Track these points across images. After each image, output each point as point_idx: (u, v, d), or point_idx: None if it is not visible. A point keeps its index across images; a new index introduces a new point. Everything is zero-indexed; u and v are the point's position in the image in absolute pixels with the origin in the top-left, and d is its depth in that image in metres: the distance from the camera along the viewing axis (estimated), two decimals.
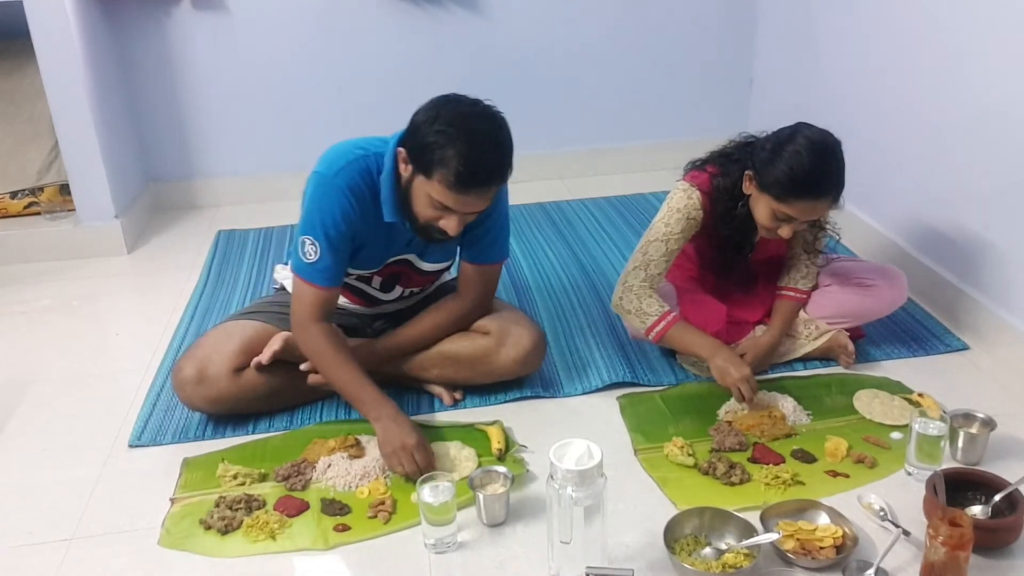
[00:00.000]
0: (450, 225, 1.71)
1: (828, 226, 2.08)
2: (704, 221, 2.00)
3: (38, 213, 3.04)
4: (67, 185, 2.98)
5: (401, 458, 1.72)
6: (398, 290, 2.03)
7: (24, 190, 3.03)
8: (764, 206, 1.88)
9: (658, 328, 1.97)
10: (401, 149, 1.72)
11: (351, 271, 1.94)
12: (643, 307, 1.99)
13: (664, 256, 1.99)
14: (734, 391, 1.90)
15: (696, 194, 1.97)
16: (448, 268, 2.07)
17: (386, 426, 1.76)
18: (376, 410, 1.79)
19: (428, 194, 1.68)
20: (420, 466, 1.71)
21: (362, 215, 1.80)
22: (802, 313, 2.14)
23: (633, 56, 3.48)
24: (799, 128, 1.85)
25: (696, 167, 2.04)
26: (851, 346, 2.11)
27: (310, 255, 1.80)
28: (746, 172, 1.90)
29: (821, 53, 2.98)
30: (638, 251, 2.02)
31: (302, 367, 1.93)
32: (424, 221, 1.75)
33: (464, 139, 1.61)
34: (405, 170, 1.72)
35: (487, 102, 1.70)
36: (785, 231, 1.88)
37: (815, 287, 2.14)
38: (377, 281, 1.99)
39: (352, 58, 3.28)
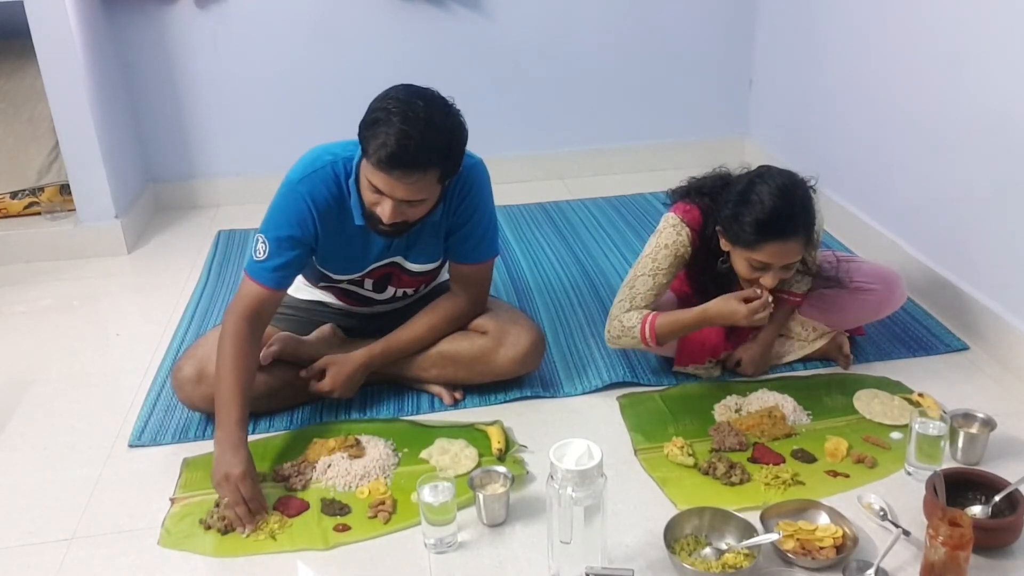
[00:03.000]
0: (384, 211, 1.68)
1: (812, 270, 2.04)
2: (692, 257, 1.99)
3: (38, 213, 3.04)
4: (67, 185, 2.98)
5: (224, 488, 1.63)
6: (391, 290, 2.03)
7: (24, 190, 3.03)
8: (739, 258, 1.86)
9: (646, 332, 1.96)
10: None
11: (338, 277, 1.94)
12: (625, 324, 1.97)
13: (652, 290, 1.98)
14: (754, 314, 1.84)
15: (685, 231, 1.95)
16: (440, 268, 2.06)
17: (221, 451, 1.67)
18: (221, 432, 1.69)
19: (366, 175, 1.67)
20: (244, 496, 1.61)
21: (323, 223, 1.80)
22: (800, 315, 2.14)
23: (633, 56, 3.47)
24: (759, 172, 1.84)
25: (681, 198, 2.01)
26: (847, 346, 2.11)
27: (259, 253, 1.80)
28: (716, 228, 1.89)
29: (821, 53, 2.98)
30: (625, 286, 2.01)
31: (302, 373, 1.94)
32: (368, 208, 1.73)
33: (400, 117, 1.60)
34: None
35: (448, 98, 1.68)
36: (767, 280, 1.85)
37: (811, 289, 2.14)
38: (369, 283, 1.99)
39: (352, 58, 3.27)
